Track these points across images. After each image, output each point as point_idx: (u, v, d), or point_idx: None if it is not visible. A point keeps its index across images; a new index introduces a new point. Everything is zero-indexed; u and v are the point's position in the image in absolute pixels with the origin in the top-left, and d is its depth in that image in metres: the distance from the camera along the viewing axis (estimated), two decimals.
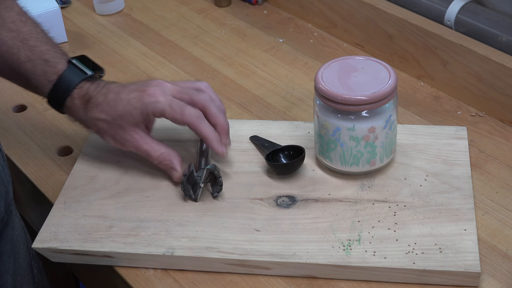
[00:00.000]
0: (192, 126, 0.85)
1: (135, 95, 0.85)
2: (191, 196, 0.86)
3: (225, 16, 1.30)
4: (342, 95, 0.82)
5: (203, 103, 0.86)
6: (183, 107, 0.84)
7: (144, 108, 0.84)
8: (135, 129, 0.86)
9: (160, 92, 0.85)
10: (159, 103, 0.84)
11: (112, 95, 0.86)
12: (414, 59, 1.08)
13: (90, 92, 0.87)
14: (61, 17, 1.23)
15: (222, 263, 0.80)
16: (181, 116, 0.84)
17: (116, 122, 0.86)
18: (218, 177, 0.85)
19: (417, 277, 0.77)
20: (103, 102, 0.86)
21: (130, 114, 0.85)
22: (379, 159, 0.87)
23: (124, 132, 0.86)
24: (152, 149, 0.87)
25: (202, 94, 0.87)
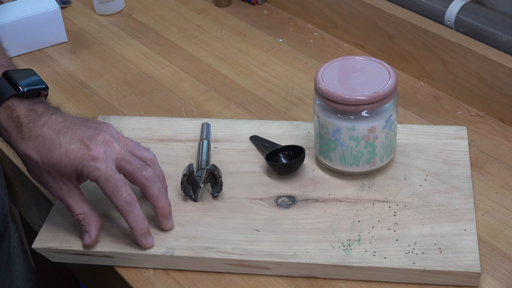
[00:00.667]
0: (120, 211, 0.77)
1: (76, 148, 0.75)
2: (191, 196, 0.86)
3: (225, 16, 1.30)
4: (342, 95, 0.82)
5: (144, 183, 0.78)
6: (117, 186, 0.76)
7: (80, 169, 0.75)
8: (64, 181, 0.77)
9: (103, 157, 0.75)
10: (98, 171, 0.75)
11: (51, 133, 0.76)
12: (414, 59, 1.08)
13: (22, 118, 0.77)
14: (61, 17, 1.23)
15: (222, 263, 0.79)
16: (112, 195, 0.76)
17: (46, 167, 0.76)
18: (218, 177, 0.85)
19: (417, 277, 0.77)
20: (37, 138, 0.76)
21: (64, 167, 0.75)
22: (379, 159, 0.87)
23: (52, 179, 0.77)
24: (75, 205, 0.78)
25: (146, 171, 0.78)
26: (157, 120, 1.00)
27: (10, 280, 0.85)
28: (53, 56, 1.22)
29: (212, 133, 0.97)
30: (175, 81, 1.12)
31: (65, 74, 1.17)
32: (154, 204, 0.80)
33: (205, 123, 0.96)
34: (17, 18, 1.19)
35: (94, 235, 0.79)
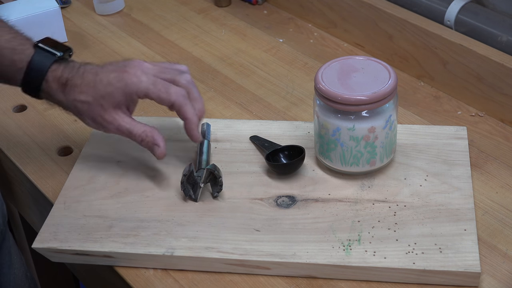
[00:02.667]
0: (177, 105, 0.82)
1: (115, 76, 0.83)
2: (191, 196, 0.86)
3: (225, 16, 1.30)
4: (342, 95, 0.82)
5: (186, 85, 0.84)
6: (168, 86, 0.82)
7: (126, 89, 0.82)
8: (116, 111, 0.84)
9: (141, 72, 0.82)
10: (142, 82, 0.82)
11: (90, 76, 0.84)
12: (414, 59, 1.08)
13: (66, 75, 0.84)
14: (61, 17, 1.23)
15: (222, 263, 0.80)
16: (167, 95, 0.82)
17: (97, 102, 0.83)
18: (218, 177, 0.85)
19: (417, 277, 0.77)
20: (81, 84, 0.83)
21: (112, 95, 0.82)
22: (379, 159, 0.87)
23: (105, 113, 0.83)
24: (134, 128, 0.84)
25: (184, 75, 0.85)
26: (157, 120, 1.00)
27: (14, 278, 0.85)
28: None
29: (212, 133, 0.97)
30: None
31: None
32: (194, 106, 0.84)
33: (205, 123, 0.96)
34: (17, 18, 1.19)
35: (163, 144, 0.84)
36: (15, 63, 0.84)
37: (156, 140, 0.84)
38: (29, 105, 1.09)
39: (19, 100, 1.10)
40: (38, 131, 1.04)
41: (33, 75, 0.84)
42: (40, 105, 1.08)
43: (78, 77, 0.84)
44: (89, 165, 0.93)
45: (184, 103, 0.82)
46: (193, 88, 0.84)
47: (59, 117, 1.05)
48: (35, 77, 0.84)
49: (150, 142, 0.84)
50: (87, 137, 0.99)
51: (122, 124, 0.84)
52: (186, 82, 0.84)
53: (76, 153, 0.98)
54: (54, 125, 1.04)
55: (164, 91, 0.82)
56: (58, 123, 1.04)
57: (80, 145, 1.00)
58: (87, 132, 1.01)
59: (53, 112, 1.06)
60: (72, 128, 1.03)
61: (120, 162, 0.93)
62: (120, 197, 0.88)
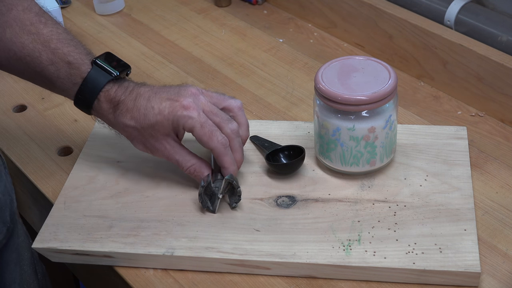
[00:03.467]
0: (216, 153, 0.83)
1: (167, 105, 0.82)
2: (209, 207, 0.84)
3: (225, 16, 1.30)
4: (342, 95, 0.82)
5: (230, 134, 0.83)
6: (213, 131, 0.82)
7: (175, 121, 0.82)
8: (166, 138, 0.84)
9: (194, 106, 0.82)
10: (192, 119, 0.81)
11: (142, 101, 0.83)
12: (414, 59, 1.08)
13: (118, 97, 0.84)
14: (61, 17, 1.23)
15: (222, 263, 0.80)
16: (209, 140, 0.82)
17: (146, 131, 0.83)
18: (236, 187, 0.84)
19: (417, 277, 0.77)
20: (133, 109, 0.83)
21: (161, 125, 0.82)
22: (379, 159, 0.87)
23: (155, 141, 0.84)
24: (183, 159, 0.84)
25: (231, 124, 0.84)
26: None
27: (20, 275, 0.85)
28: None
29: None
30: (175, 81, 1.12)
31: None
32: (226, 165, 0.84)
33: None
34: None
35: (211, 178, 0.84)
36: (71, 77, 0.84)
37: (204, 175, 0.85)
38: (29, 105, 1.09)
39: (19, 100, 1.10)
40: (38, 131, 1.04)
41: (87, 92, 0.84)
42: (40, 105, 1.08)
43: (130, 101, 0.83)
44: (89, 165, 0.93)
45: (224, 153, 0.83)
46: (235, 139, 0.84)
47: (59, 117, 1.05)
48: (88, 94, 0.84)
49: (198, 176, 0.85)
50: (87, 137, 0.99)
51: (171, 154, 0.84)
52: (230, 131, 0.83)
53: (76, 153, 0.98)
54: (54, 125, 1.04)
55: (207, 136, 0.82)
56: (58, 123, 1.04)
57: (80, 145, 1.00)
58: (87, 132, 1.01)
59: (53, 112, 1.06)
60: (72, 128, 1.03)
61: (120, 162, 0.93)
62: (120, 197, 0.88)
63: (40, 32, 0.84)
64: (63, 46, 0.85)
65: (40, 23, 0.85)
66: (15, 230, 0.84)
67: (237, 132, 0.84)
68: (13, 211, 0.82)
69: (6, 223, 0.80)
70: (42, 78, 0.86)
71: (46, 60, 0.84)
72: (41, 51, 0.84)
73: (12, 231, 0.83)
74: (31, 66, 0.85)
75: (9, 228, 0.81)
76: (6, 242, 0.82)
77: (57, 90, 0.88)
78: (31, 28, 0.84)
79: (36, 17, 0.85)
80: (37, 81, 0.89)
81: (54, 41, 0.84)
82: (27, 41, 0.84)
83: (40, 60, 0.84)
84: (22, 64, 0.85)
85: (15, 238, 0.84)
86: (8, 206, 0.81)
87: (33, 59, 0.84)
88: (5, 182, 0.81)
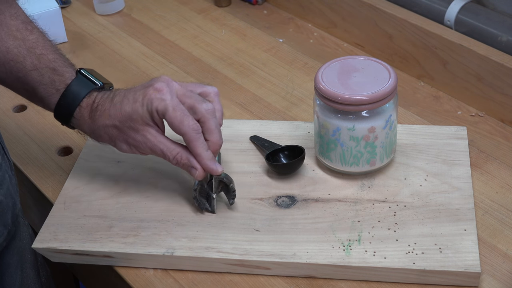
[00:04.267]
0: (187, 138, 0.80)
1: (141, 93, 0.81)
2: (207, 209, 0.84)
3: (225, 16, 1.30)
4: (342, 95, 0.82)
5: (204, 115, 0.80)
6: (184, 116, 0.79)
7: (149, 104, 0.79)
8: (147, 129, 0.81)
9: (166, 89, 0.80)
10: (164, 101, 0.79)
11: (118, 98, 0.82)
12: (414, 59, 1.08)
13: (97, 101, 0.83)
14: (61, 17, 1.23)
15: (222, 263, 0.80)
16: (180, 124, 0.79)
17: (125, 124, 0.81)
18: (229, 183, 0.83)
19: (417, 277, 0.77)
20: (110, 108, 0.82)
21: (137, 113, 0.80)
22: (379, 159, 0.87)
23: (136, 133, 0.81)
24: (167, 148, 0.81)
25: (206, 104, 0.81)
26: None
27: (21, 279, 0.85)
28: None
29: None
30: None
31: None
32: (208, 138, 0.81)
33: None
34: None
35: (199, 166, 0.81)
36: (55, 83, 0.83)
37: (192, 163, 0.81)
38: (29, 105, 1.09)
39: (19, 100, 1.10)
40: (38, 131, 1.04)
41: (69, 99, 0.83)
42: None
43: (108, 102, 0.82)
44: (89, 165, 0.93)
45: (195, 138, 0.79)
46: (210, 119, 0.80)
47: None
48: (71, 101, 0.83)
49: (186, 164, 0.81)
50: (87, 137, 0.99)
51: (155, 144, 0.81)
52: (205, 111, 0.80)
53: (76, 153, 0.98)
54: (54, 125, 1.04)
55: (179, 119, 0.79)
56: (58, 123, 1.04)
57: (80, 145, 1.00)
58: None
59: None
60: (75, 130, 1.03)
61: (120, 162, 0.93)
62: (120, 197, 0.88)
63: (26, 38, 0.84)
64: (48, 53, 0.84)
65: (27, 30, 0.85)
66: (17, 233, 0.84)
67: (212, 112, 0.81)
68: (15, 213, 0.82)
69: (7, 225, 0.80)
70: (24, 84, 0.85)
71: (29, 66, 0.83)
72: (25, 56, 0.83)
73: (13, 234, 0.82)
74: (14, 71, 0.84)
75: (11, 231, 0.81)
76: (7, 245, 0.82)
77: (37, 98, 0.86)
78: (17, 34, 0.84)
79: (22, 24, 0.85)
80: (18, 87, 0.87)
81: (39, 47, 0.84)
82: (12, 46, 0.83)
83: (23, 65, 0.84)
84: (5, 69, 0.84)
85: (17, 241, 0.84)
86: (10, 209, 0.80)
87: (17, 64, 0.84)
88: (8, 185, 0.80)
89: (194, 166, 0.81)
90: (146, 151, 0.83)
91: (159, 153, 0.82)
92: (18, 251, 0.84)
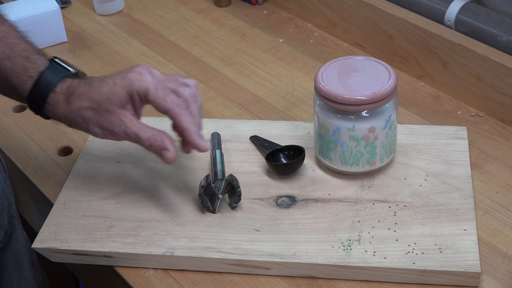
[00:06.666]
0: (172, 113, 0.79)
1: (121, 76, 0.80)
2: (209, 208, 0.84)
3: (225, 16, 1.30)
4: (342, 95, 0.82)
5: (187, 97, 0.80)
6: (167, 93, 0.79)
7: (129, 86, 0.79)
8: (123, 111, 0.80)
9: (147, 72, 0.79)
10: (145, 81, 0.78)
11: (96, 82, 0.81)
12: (414, 59, 1.08)
13: (74, 85, 0.81)
14: (61, 17, 1.23)
15: (222, 263, 0.80)
16: (163, 101, 0.79)
17: (102, 106, 0.80)
18: (236, 187, 0.84)
19: (417, 277, 0.77)
20: (87, 91, 0.80)
21: (116, 94, 0.79)
22: (379, 159, 0.87)
23: (112, 115, 0.80)
24: (141, 131, 0.79)
25: (188, 88, 0.81)
26: (157, 120, 0.99)
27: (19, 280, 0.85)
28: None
29: None
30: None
31: None
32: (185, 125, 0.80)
33: (215, 132, 0.96)
34: (17, 18, 1.19)
35: (173, 148, 0.80)
36: (27, 71, 0.82)
37: (165, 144, 0.79)
38: None
39: None
40: (38, 131, 1.04)
41: (43, 85, 0.81)
42: None
43: (85, 85, 0.81)
44: (89, 165, 0.93)
45: (181, 112, 0.79)
46: (193, 103, 0.81)
47: None
48: (45, 87, 0.81)
49: (159, 146, 0.79)
50: (87, 137, 0.99)
51: (129, 127, 0.80)
52: (188, 95, 0.80)
53: (76, 153, 0.98)
54: (54, 125, 1.04)
55: (161, 97, 0.78)
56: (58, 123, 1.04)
57: (80, 145, 1.00)
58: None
59: None
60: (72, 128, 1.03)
61: (120, 162, 0.93)
62: (120, 197, 0.88)
63: None
64: (21, 42, 0.83)
65: None
66: (13, 234, 0.84)
67: (194, 97, 0.81)
68: (11, 214, 0.82)
69: (3, 226, 0.80)
70: None
71: (2, 55, 0.82)
72: None
73: (10, 235, 0.82)
74: None
75: (7, 232, 0.81)
76: (4, 246, 0.82)
77: (10, 87, 0.84)
78: None
79: None
80: None
81: (11, 37, 0.83)
82: None
83: None
84: None
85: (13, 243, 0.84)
86: (6, 210, 0.80)
87: None
88: (3, 186, 0.80)
89: (167, 148, 0.79)
90: (120, 135, 0.81)
91: (133, 136, 0.80)
92: (14, 253, 0.84)
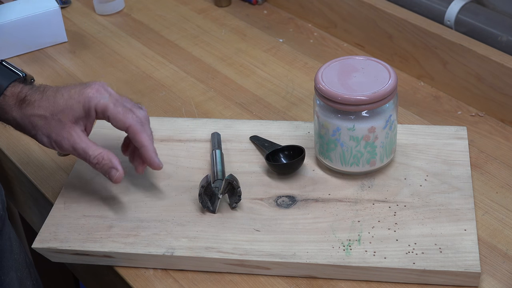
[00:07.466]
0: (132, 129, 0.81)
1: (77, 90, 0.81)
2: (209, 208, 0.84)
3: (225, 16, 1.30)
4: (342, 95, 0.82)
5: (141, 118, 0.82)
6: (126, 109, 0.81)
7: (87, 102, 0.80)
8: (74, 126, 0.81)
9: (103, 89, 0.81)
10: (104, 98, 0.80)
11: (51, 92, 0.81)
12: (414, 59, 1.08)
13: (25, 92, 0.82)
14: (61, 17, 1.23)
15: (222, 263, 0.80)
16: (124, 118, 0.80)
17: (55, 117, 0.80)
18: (236, 187, 0.84)
19: (417, 277, 0.77)
20: (41, 99, 0.81)
21: (71, 109, 0.80)
22: (379, 159, 0.87)
23: (62, 128, 0.80)
24: (90, 148, 0.81)
25: (142, 111, 0.83)
26: (157, 120, 1.00)
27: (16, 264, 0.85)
28: (53, 56, 1.22)
29: None
30: (175, 81, 1.12)
31: (65, 74, 1.17)
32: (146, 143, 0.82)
33: (215, 132, 0.96)
34: (17, 18, 1.19)
35: (121, 167, 0.81)
36: None
37: (113, 163, 0.81)
38: None
39: None
40: None
41: None
42: None
43: (38, 94, 0.81)
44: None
45: (141, 129, 0.81)
46: (146, 124, 0.83)
47: None
48: None
49: (107, 165, 0.81)
50: None
51: (78, 142, 0.81)
52: (142, 116, 0.82)
53: None
54: None
55: (122, 113, 0.80)
56: None
57: None
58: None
59: None
60: None
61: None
62: (120, 197, 0.88)
63: None
64: None
65: None
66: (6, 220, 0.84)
67: (147, 119, 0.83)
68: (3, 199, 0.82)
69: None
70: None
71: None
72: None
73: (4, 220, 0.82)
74: None
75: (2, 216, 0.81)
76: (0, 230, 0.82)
77: None
78: None
79: None
80: None
81: None
82: None
83: None
84: None
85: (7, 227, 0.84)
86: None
87: None
88: None
89: (115, 167, 0.81)
90: (68, 148, 0.82)
91: (80, 151, 0.81)
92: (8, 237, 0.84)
